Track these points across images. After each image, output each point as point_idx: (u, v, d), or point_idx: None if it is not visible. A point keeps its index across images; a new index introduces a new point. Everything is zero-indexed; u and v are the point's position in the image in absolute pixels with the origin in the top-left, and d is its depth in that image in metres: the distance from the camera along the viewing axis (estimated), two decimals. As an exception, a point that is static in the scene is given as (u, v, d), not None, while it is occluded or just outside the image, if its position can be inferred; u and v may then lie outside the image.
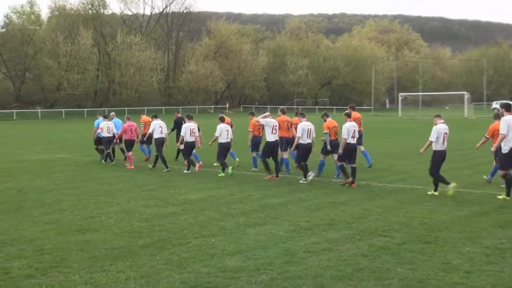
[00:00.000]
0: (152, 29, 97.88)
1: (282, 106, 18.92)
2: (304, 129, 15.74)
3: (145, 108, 74.91)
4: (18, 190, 14.75)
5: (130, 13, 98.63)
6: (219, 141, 17.40)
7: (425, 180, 14.71)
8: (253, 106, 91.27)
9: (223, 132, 17.31)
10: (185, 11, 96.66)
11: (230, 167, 17.11)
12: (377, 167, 18.99)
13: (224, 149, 17.41)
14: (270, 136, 16.44)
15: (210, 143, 18.35)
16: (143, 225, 10.43)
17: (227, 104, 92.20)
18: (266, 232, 9.76)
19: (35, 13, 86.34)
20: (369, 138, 31.19)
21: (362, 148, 18.76)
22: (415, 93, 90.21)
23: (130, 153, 19.73)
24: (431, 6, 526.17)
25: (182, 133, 18.11)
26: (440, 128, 13.55)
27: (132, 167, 19.40)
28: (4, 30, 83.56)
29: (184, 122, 18.56)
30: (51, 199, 13.31)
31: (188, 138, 17.95)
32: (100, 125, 21.14)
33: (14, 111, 71.45)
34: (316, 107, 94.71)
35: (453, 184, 13.43)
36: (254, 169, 18.42)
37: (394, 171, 17.90)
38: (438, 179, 13.57)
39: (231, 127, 18.47)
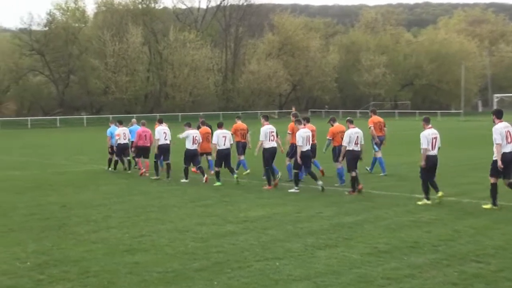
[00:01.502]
0: (208, 25, 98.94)
1: (293, 111, 20.23)
2: (303, 137, 16.83)
3: (201, 113, 75.93)
4: (62, 205, 15.17)
5: (183, 7, 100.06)
6: (217, 148, 18.68)
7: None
8: (323, 110, 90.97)
9: (220, 139, 18.46)
10: (245, 4, 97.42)
11: (235, 175, 18.62)
12: (467, 181, 18.59)
13: (221, 157, 18.59)
14: (268, 143, 17.97)
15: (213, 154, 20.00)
16: (198, 245, 10.55)
17: (293, 109, 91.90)
18: (338, 255, 9.71)
19: (80, 9, 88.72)
20: (456, 146, 30.56)
21: (379, 154, 20.02)
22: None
23: (147, 160, 21.35)
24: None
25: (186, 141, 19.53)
26: (427, 133, 14.71)
27: (147, 174, 20.86)
28: (47, 28, 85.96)
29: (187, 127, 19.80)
30: (98, 215, 13.64)
31: (190, 146, 19.28)
32: (116, 132, 22.23)
33: (58, 117, 73.78)
34: (396, 111, 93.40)
35: (440, 193, 14.51)
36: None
37: (487, 186, 17.39)
38: (425, 186, 14.68)
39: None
